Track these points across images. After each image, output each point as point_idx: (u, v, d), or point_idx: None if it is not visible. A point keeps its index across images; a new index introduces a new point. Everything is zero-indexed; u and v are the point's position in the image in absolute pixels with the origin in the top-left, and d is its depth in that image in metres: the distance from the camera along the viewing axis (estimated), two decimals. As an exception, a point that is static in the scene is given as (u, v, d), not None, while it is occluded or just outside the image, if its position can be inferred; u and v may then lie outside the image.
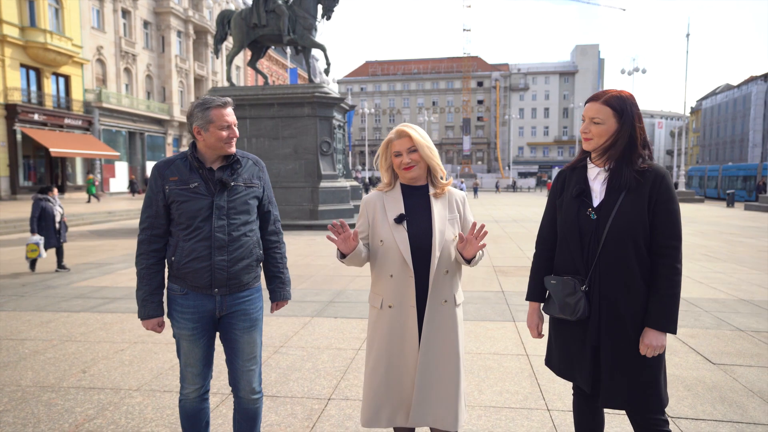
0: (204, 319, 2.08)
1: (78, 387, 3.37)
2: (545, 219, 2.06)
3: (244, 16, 16.54)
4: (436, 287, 2.01)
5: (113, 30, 32.02)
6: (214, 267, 2.01)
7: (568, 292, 1.84)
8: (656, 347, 1.75)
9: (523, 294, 5.98)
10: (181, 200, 2.00)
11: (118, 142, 33.09)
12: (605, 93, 1.86)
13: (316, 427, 2.82)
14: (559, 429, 2.79)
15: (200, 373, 2.13)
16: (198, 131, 2.03)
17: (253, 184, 2.14)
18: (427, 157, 2.05)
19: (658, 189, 1.78)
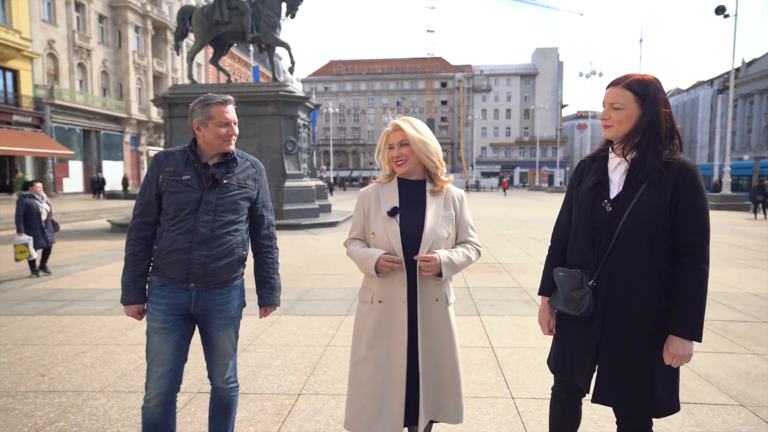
0: (177, 312, 2.05)
1: (37, 391, 3.26)
2: (562, 211, 1.96)
3: (206, 12, 16.21)
4: (427, 284, 1.99)
5: (66, 23, 30.70)
6: (192, 261, 2.00)
7: (574, 286, 1.75)
8: (683, 356, 1.63)
9: (487, 290, 6.21)
10: (172, 191, 2.01)
11: (72, 140, 31.75)
12: (627, 77, 1.72)
13: (287, 422, 2.83)
14: (523, 415, 2.91)
15: (165, 374, 2.04)
16: (198, 127, 2.06)
17: (247, 185, 2.14)
18: (420, 152, 2.01)
19: (683, 183, 1.64)
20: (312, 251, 9.72)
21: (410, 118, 2.07)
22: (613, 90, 1.73)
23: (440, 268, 1.93)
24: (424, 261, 1.91)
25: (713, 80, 59.71)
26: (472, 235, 2.14)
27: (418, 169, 2.07)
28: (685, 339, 1.62)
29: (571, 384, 1.90)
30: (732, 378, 3.44)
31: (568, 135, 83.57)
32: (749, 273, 7.46)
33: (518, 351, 4.01)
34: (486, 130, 77.72)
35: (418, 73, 78.01)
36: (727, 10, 24.91)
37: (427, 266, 1.91)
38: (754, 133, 50.06)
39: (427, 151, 2.03)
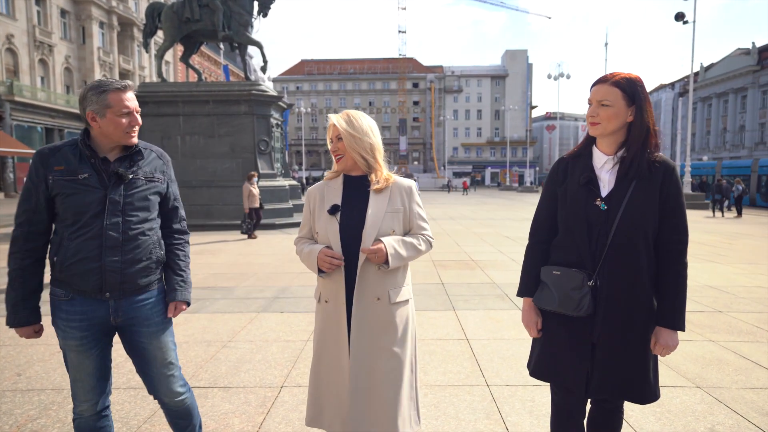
0: (94, 327, 1.85)
1: (14, 390, 3.23)
2: (541, 209, 1.91)
3: (176, 9, 15.96)
4: (365, 283, 1.90)
5: (26, 17, 29.63)
6: (105, 269, 1.79)
7: (573, 286, 1.70)
8: (672, 346, 1.69)
9: (461, 285, 6.38)
10: (68, 192, 1.77)
11: (34, 138, 30.65)
12: (614, 75, 1.72)
13: (271, 412, 2.91)
14: (497, 401, 3.05)
15: (93, 388, 1.90)
16: (93, 117, 1.80)
17: (155, 178, 1.94)
18: (350, 147, 1.93)
19: (669, 182, 1.69)
20: (287, 250, 9.72)
21: (352, 112, 1.99)
22: (602, 87, 1.71)
23: (386, 257, 1.85)
24: (370, 252, 1.85)
25: (674, 83, 61.90)
26: (423, 227, 2.04)
27: (360, 165, 1.98)
28: (672, 330, 1.68)
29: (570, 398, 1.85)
30: (689, 363, 3.68)
31: (538, 136, 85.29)
32: (707, 267, 7.87)
33: (492, 342, 4.17)
34: (458, 131, 78.60)
35: (390, 74, 78.28)
36: (686, 16, 25.96)
37: (373, 257, 1.85)
38: (713, 134, 52.20)
39: (359, 147, 1.93)
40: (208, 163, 14.90)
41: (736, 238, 12.18)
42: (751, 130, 46.06)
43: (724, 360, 3.74)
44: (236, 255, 9.11)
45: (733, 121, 48.93)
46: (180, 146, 14.81)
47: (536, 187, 60.35)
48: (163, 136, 14.34)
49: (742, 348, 4.01)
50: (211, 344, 4.13)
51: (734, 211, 20.88)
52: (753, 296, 5.85)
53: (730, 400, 3.04)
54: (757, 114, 45.58)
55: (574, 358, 1.75)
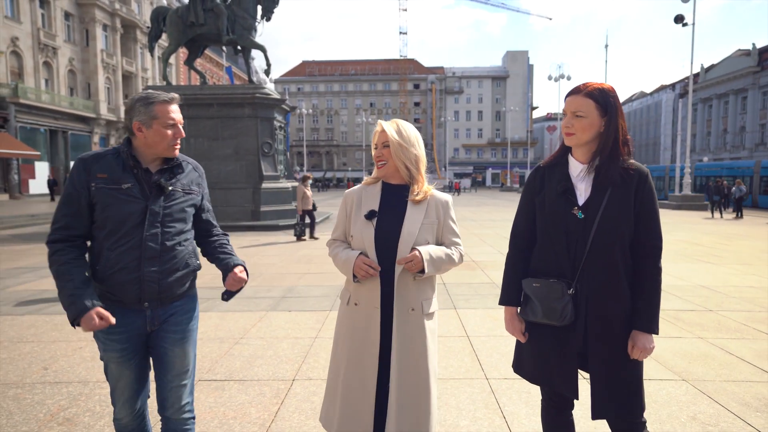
0: (133, 337, 1.87)
1: (43, 382, 3.45)
2: (520, 218, 1.94)
3: (181, 14, 16.19)
4: (402, 292, 1.93)
5: (30, 20, 29.93)
6: (143, 279, 1.81)
7: (555, 296, 1.73)
8: (648, 350, 1.70)
9: (462, 285, 6.61)
10: (109, 202, 1.78)
11: (38, 140, 30.96)
12: (586, 86, 1.76)
13: (285, 403, 3.12)
14: (496, 393, 3.27)
15: (131, 396, 1.94)
16: (139, 127, 1.83)
17: (192, 190, 1.97)
18: (396, 155, 1.97)
19: (643, 188, 1.73)
20: (292, 251, 9.94)
21: (400, 121, 2.04)
22: (575, 98, 1.74)
23: (422, 264, 1.88)
24: (406, 261, 1.88)
25: (675, 84, 62.06)
26: (456, 241, 2.08)
27: (400, 174, 2.02)
28: (648, 333, 1.70)
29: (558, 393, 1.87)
30: (677, 358, 3.89)
31: (539, 136, 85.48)
32: (702, 267, 8.07)
33: (491, 339, 4.38)
34: (458, 132, 78.83)
35: (391, 75, 78.56)
36: (685, 18, 26.15)
37: (410, 265, 1.88)
38: (713, 135, 52.33)
39: (404, 156, 1.98)
40: (212, 166, 15.11)
41: (732, 239, 12.37)
42: (752, 131, 46.20)
43: (710, 355, 3.95)
44: (242, 256, 9.28)
45: (733, 122, 49.07)
46: (184, 149, 15.00)
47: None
48: (168, 139, 14.55)
49: (728, 344, 4.22)
50: (224, 341, 4.35)
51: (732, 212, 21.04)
52: (743, 296, 6.06)
53: (713, 392, 3.25)
54: (758, 115, 45.71)
55: (561, 365, 1.77)
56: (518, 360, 1.96)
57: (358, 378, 1.95)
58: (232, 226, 13.94)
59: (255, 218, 14.92)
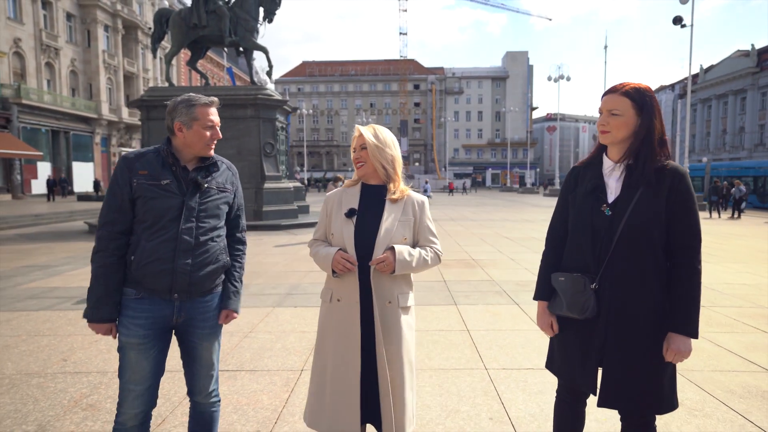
0: (157, 326, 1.95)
1: (64, 372, 3.62)
2: (555, 216, 1.99)
3: (184, 15, 16.37)
4: (380, 286, 2.03)
5: (32, 21, 30.11)
6: (176, 270, 1.90)
7: (577, 289, 1.76)
8: (684, 352, 1.68)
9: (462, 283, 6.80)
10: (150, 196, 1.89)
11: (40, 141, 31.12)
12: (623, 85, 1.77)
13: (294, 390, 3.30)
14: (494, 381, 3.44)
15: (143, 393, 1.95)
16: (180, 128, 1.95)
17: (226, 189, 2.07)
18: (374, 157, 2.08)
19: (677, 187, 1.71)
20: (295, 250, 10.11)
21: (376, 126, 2.14)
22: (611, 97, 1.76)
23: (394, 265, 1.98)
24: (377, 263, 1.98)
25: (674, 85, 62.28)
26: (432, 240, 2.16)
27: (378, 174, 2.13)
28: (685, 336, 1.68)
29: (574, 388, 1.92)
30: (669, 350, 4.06)
31: (538, 137, 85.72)
32: (696, 266, 8.23)
33: (490, 333, 4.56)
34: (458, 132, 79.05)
35: (391, 75, 78.77)
36: (684, 20, 26.33)
37: (382, 266, 1.98)
38: (712, 136, 52.54)
39: (381, 158, 2.09)
40: (216, 166, 15.27)
41: (729, 238, 12.56)
42: (751, 132, 46.41)
43: (700, 348, 4.13)
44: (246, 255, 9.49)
45: (732, 123, 49.29)
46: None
47: (536, 188, 60.73)
48: (171, 140, 14.72)
49: (718, 338, 4.39)
50: (233, 335, 4.52)
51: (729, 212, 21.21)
52: (735, 293, 6.24)
53: (701, 381, 3.43)
54: (757, 115, 45.93)
55: (582, 359, 1.80)
56: (550, 356, 2.01)
57: (343, 371, 2.03)
58: (234, 225, 14.12)
59: (257, 218, 15.09)
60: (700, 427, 2.79)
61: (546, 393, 3.23)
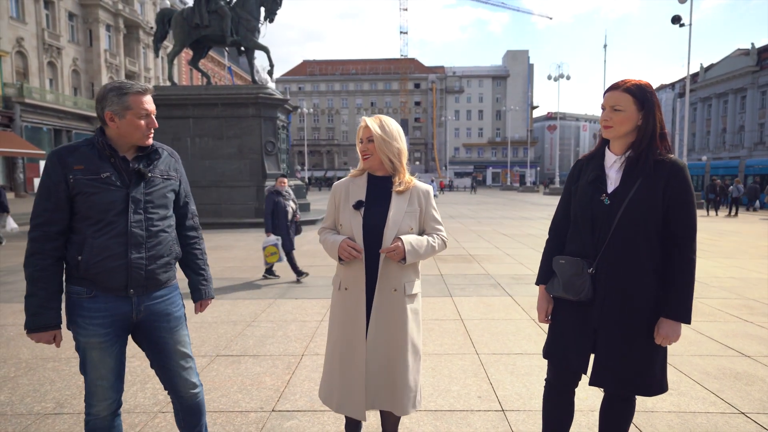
0: (117, 323, 1.88)
1: (77, 357, 3.79)
2: (560, 206, 2.07)
3: (186, 15, 16.56)
4: (386, 275, 2.08)
5: (35, 21, 30.32)
6: (130, 265, 1.84)
7: (574, 272, 1.85)
8: (672, 337, 1.77)
9: (458, 276, 7.01)
10: (90, 192, 1.79)
11: (43, 139, 31.33)
12: (625, 82, 1.86)
13: (296, 373, 3.49)
14: (485, 365, 3.63)
15: (112, 386, 1.92)
16: (111, 117, 1.83)
17: (170, 176, 2.00)
18: (380, 149, 2.11)
19: (674, 180, 1.78)
20: (296, 246, 10.29)
21: (383, 117, 2.17)
22: (614, 93, 1.84)
23: (404, 254, 2.05)
24: (389, 251, 2.04)
25: (674, 84, 62.33)
26: (437, 228, 2.22)
27: (384, 166, 2.16)
28: (675, 321, 1.76)
29: (565, 371, 1.99)
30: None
31: (539, 136, 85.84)
32: (688, 261, 8.42)
33: (483, 322, 4.75)
34: (459, 131, 79.18)
35: (391, 74, 78.92)
36: (682, 19, 26.45)
37: (392, 254, 2.04)
38: (712, 135, 52.64)
39: (388, 150, 2.12)
40: (217, 164, 15.48)
41: (724, 235, 12.74)
42: (751, 131, 46.50)
43: (683, 335, 4.23)
44: (247, 251, 9.71)
45: (732, 122, 49.37)
46: (190, 148, 15.42)
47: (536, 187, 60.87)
48: (173, 138, 14.92)
49: (701, 326, 4.58)
50: (237, 324, 4.72)
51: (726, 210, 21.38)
52: (723, 285, 6.43)
53: (679, 364, 3.62)
54: (757, 114, 46.01)
55: (578, 341, 1.88)
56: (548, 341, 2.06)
57: (349, 357, 2.12)
58: (236, 223, 14.34)
59: (258, 216, 15.22)
60: (674, 403, 2.98)
61: (533, 375, 3.43)
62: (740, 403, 2.99)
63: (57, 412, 2.91)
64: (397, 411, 2.13)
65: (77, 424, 2.76)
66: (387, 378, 2.10)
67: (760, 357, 3.78)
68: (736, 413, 2.86)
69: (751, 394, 3.12)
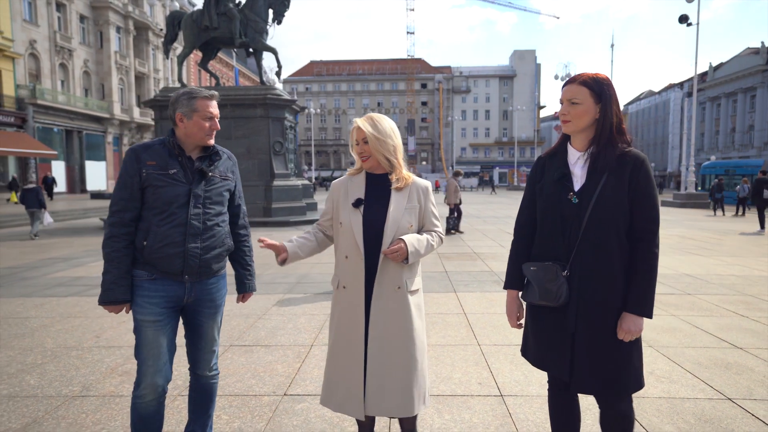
0: (171, 305, 2.08)
1: (98, 347, 4.03)
2: (523, 206, 2.03)
3: (195, 18, 16.82)
4: (386, 272, 2.06)
5: (47, 24, 30.80)
6: (187, 253, 2.03)
7: (549, 278, 1.80)
8: (634, 332, 1.74)
9: (462, 273, 7.18)
10: (159, 185, 2.01)
11: (55, 140, 31.84)
12: (581, 75, 1.83)
13: (305, 362, 3.68)
14: (485, 355, 3.80)
15: (161, 368, 2.07)
16: (181, 118, 2.06)
17: (227, 177, 2.19)
18: (375, 149, 2.10)
19: (638, 173, 1.76)
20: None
21: (375, 115, 2.14)
22: (571, 87, 1.82)
23: (407, 254, 2.03)
24: (392, 252, 2.01)
25: (683, 83, 61.99)
26: (435, 224, 2.22)
27: (383, 165, 2.16)
28: (636, 316, 1.73)
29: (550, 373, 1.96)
30: (647, 330, 4.39)
31: (546, 135, 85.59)
32: (690, 259, 8.54)
33: (485, 316, 4.92)
34: (465, 131, 79.19)
35: (398, 74, 79.07)
36: (690, 18, 26.40)
37: (395, 255, 2.02)
38: (721, 134, 52.32)
39: (383, 149, 2.11)
40: (226, 164, 15.69)
41: (728, 234, 12.78)
42: (760, 130, 46.18)
43: (678, 328, 4.46)
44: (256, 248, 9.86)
45: (742, 121, 49.05)
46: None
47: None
48: (184, 138, 15.16)
49: (696, 320, 4.72)
50: (249, 317, 4.92)
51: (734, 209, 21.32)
52: (723, 282, 6.54)
53: (673, 355, 3.77)
54: (766, 113, 45.68)
55: (557, 346, 1.84)
56: (524, 344, 2.04)
57: (348, 355, 2.10)
58: (245, 221, 14.54)
59: (267, 215, 15.51)
60: (665, 390, 3.14)
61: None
62: (728, 390, 3.14)
63: (84, 395, 3.12)
64: (406, 413, 2.09)
65: (104, 405, 2.97)
66: (392, 377, 2.06)
67: (752, 349, 3.92)
68: (723, 399, 3.01)
69: (740, 382, 3.26)
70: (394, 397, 2.06)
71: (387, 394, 2.06)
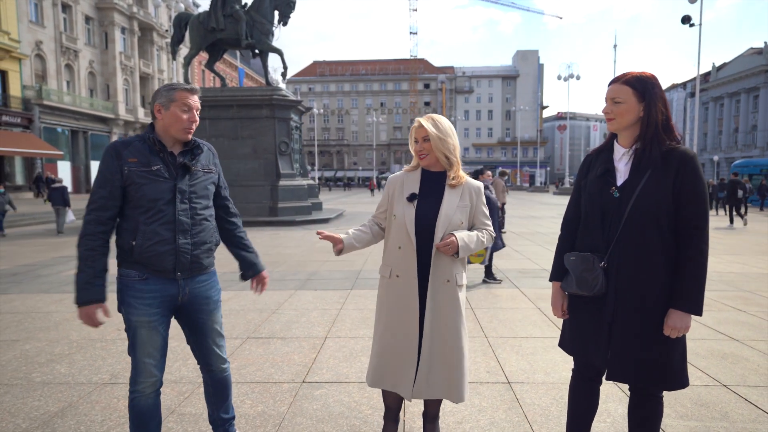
0: (165, 304, 2.05)
1: (122, 339, 4.21)
2: (571, 202, 2.07)
3: (202, 19, 17.02)
4: (438, 266, 2.15)
5: (53, 25, 31.07)
6: (178, 250, 2.01)
7: (585, 267, 1.84)
8: (681, 329, 1.74)
9: (469, 270, 7.27)
10: (142, 182, 1.96)
11: (60, 140, 32.09)
12: (625, 74, 1.87)
13: (321, 352, 3.86)
14: (493, 346, 3.97)
15: (157, 364, 2.08)
16: (159, 109, 2.01)
17: (210, 169, 2.18)
18: (437, 148, 2.20)
19: (684, 170, 1.76)
20: (310, 243, 10.69)
21: (435, 116, 2.24)
22: (614, 86, 1.86)
23: (457, 248, 2.12)
24: (444, 246, 2.11)
25: (686, 83, 62.00)
26: (486, 223, 2.31)
27: (440, 162, 2.25)
28: (684, 313, 1.73)
29: (590, 364, 1.99)
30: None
31: (549, 136, 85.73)
32: (692, 257, 8.67)
33: (491, 310, 5.09)
34: (468, 131, 79.34)
35: (401, 74, 79.27)
36: (692, 19, 26.48)
37: (447, 249, 2.11)
38: (724, 134, 52.37)
39: (444, 148, 2.20)
40: (232, 164, 15.89)
41: (730, 233, 12.92)
42: (764, 130, 46.22)
43: (678, 322, 4.61)
44: (265, 247, 10.11)
45: (745, 121, 49.10)
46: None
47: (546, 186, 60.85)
48: (191, 139, 15.37)
49: (696, 315, 4.87)
50: (263, 311, 5.10)
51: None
52: (723, 279, 6.71)
53: (672, 346, 3.92)
54: (769, 113, 45.71)
55: (595, 335, 1.88)
56: (562, 336, 2.09)
57: (402, 343, 2.20)
58: (251, 221, 14.72)
59: (273, 214, 15.70)
60: (664, 378, 3.30)
61: (537, 354, 3.76)
62: (723, 377, 3.31)
63: (113, 382, 3.30)
64: (453, 399, 2.20)
65: (133, 391, 3.14)
66: (443, 366, 2.17)
67: (748, 340, 4.08)
68: (718, 385, 3.18)
69: (735, 370, 3.43)
70: (444, 383, 2.18)
71: (437, 380, 2.18)
